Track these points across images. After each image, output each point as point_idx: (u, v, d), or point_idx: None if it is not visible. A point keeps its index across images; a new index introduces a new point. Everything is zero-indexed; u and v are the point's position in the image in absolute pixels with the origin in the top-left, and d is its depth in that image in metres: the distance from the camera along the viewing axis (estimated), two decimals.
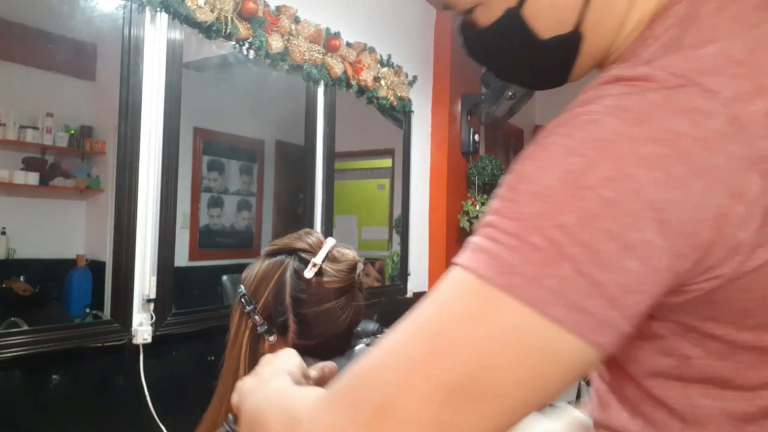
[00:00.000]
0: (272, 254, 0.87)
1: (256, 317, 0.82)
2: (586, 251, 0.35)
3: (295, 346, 0.83)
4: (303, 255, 0.83)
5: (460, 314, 0.37)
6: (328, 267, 0.82)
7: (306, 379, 0.59)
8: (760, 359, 0.42)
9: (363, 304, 0.86)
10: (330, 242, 0.85)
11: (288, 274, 0.82)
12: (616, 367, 0.48)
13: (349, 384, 0.39)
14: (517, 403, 0.36)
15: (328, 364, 0.63)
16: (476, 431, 0.35)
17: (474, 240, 0.39)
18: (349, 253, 0.86)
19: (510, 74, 0.57)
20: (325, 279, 0.81)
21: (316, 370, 0.62)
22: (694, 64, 0.39)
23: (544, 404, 0.38)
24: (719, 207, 0.36)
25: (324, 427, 0.38)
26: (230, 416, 0.71)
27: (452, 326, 0.37)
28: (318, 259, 0.81)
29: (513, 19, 0.48)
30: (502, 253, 0.37)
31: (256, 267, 0.86)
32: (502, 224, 0.37)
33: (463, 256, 0.39)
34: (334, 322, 0.82)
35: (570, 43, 0.49)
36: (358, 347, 0.87)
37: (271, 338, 0.82)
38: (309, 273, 0.80)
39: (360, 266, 0.86)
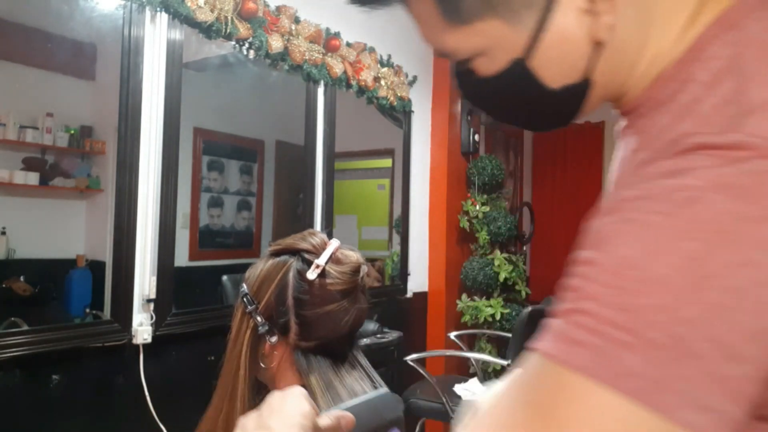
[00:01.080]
0: (276, 254, 0.86)
1: (258, 317, 0.82)
2: (714, 346, 0.32)
3: (296, 347, 0.82)
4: (306, 256, 0.82)
5: (577, 425, 0.33)
6: (332, 269, 0.81)
7: (317, 430, 0.55)
8: None
9: (366, 307, 0.85)
10: (334, 243, 0.84)
11: (291, 274, 0.82)
12: None
13: None
14: None
15: (345, 416, 0.59)
16: None
17: (563, 328, 0.35)
18: (353, 255, 0.85)
19: (511, 119, 0.55)
20: (328, 281, 0.81)
21: (329, 418, 0.57)
22: None
23: None
24: None
25: None
26: None
27: None
28: (321, 260, 0.81)
29: (520, 70, 0.46)
30: (615, 349, 0.33)
31: (259, 267, 0.86)
32: (608, 315, 0.33)
33: (557, 347, 0.35)
34: (336, 325, 0.81)
35: (580, 90, 0.47)
36: (363, 359, 0.87)
37: (272, 339, 0.82)
38: (312, 274, 0.80)
39: (364, 269, 0.85)
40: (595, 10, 0.43)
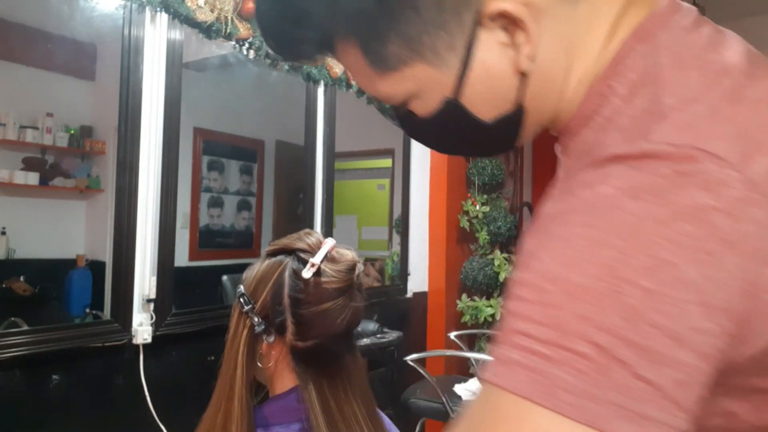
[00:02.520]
0: (272, 254, 0.87)
1: (254, 317, 0.82)
2: (638, 352, 0.32)
3: (293, 347, 0.83)
4: (302, 255, 0.83)
5: None
6: (327, 267, 0.82)
7: None
8: None
9: (362, 305, 0.86)
10: (329, 242, 0.84)
11: (286, 274, 0.82)
12: None
13: None
14: None
15: None
16: None
17: (501, 350, 0.35)
18: (348, 254, 0.86)
19: (456, 151, 0.58)
20: (323, 279, 0.81)
21: None
22: (690, 131, 0.37)
23: None
24: (750, 274, 0.35)
25: None
26: None
27: None
28: (316, 259, 0.81)
29: (453, 109, 0.48)
30: (543, 366, 0.33)
31: (256, 267, 0.86)
32: (535, 331, 0.34)
33: (494, 371, 0.35)
34: (332, 323, 0.81)
35: (514, 119, 0.48)
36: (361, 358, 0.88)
37: (269, 338, 0.83)
38: (307, 273, 0.80)
39: (360, 267, 0.85)
40: (515, 43, 0.45)
